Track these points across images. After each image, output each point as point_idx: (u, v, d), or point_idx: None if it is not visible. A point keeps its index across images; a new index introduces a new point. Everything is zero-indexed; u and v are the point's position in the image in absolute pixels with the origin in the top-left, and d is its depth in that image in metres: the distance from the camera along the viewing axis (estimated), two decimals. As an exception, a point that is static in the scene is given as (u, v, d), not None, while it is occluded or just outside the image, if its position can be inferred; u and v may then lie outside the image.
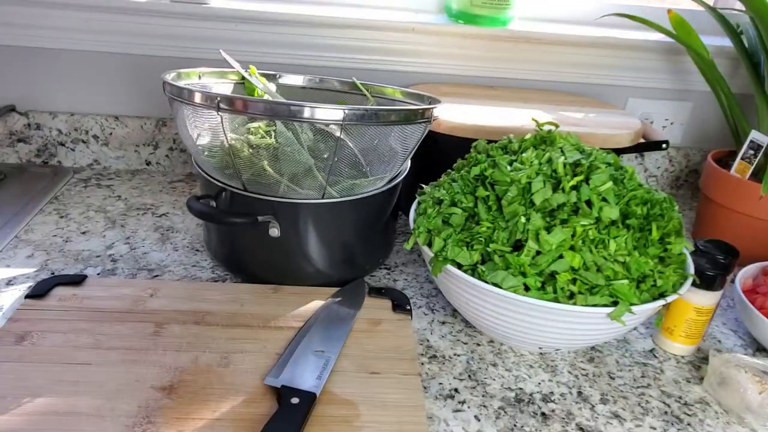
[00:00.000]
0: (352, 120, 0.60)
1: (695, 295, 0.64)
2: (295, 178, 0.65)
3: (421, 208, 0.67)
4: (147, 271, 0.75)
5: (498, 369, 0.63)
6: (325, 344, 0.61)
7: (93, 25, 0.93)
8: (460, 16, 1.00)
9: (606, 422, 0.57)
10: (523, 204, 0.60)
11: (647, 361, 0.66)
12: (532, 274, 0.57)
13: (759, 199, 0.82)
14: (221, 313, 0.65)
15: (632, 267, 0.58)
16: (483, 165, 0.65)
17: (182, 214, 0.90)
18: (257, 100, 0.64)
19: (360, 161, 0.67)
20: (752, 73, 0.91)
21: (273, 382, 0.55)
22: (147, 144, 1.03)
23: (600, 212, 0.59)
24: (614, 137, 0.83)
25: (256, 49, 0.97)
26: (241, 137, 0.65)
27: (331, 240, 0.70)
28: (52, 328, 0.61)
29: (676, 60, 1.04)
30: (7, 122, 0.99)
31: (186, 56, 0.97)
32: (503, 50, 1.01)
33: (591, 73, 1.05)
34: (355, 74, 0.89)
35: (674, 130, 1.12)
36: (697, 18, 1.00)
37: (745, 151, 0.86)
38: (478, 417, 0.56)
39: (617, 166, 0.65)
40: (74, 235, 0.81)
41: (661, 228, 0.61)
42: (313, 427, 0.52)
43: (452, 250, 0.60)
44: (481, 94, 0.98)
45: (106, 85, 0.99)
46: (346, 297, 0.70)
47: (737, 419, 0.59)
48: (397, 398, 0.56)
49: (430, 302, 0.73)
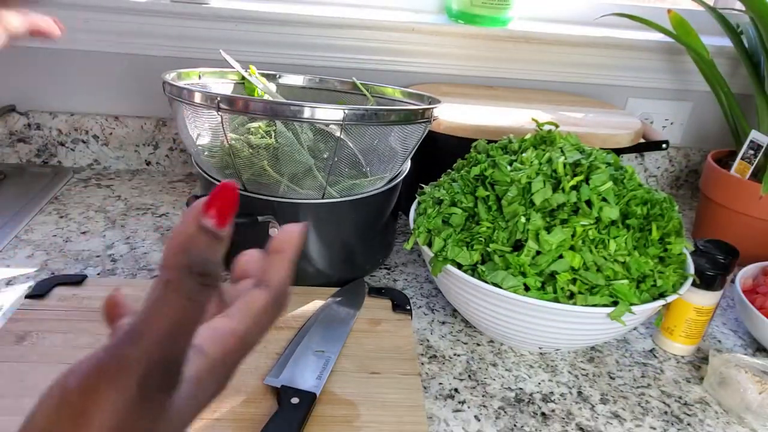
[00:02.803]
0: (352, 120, 0.60)
1: (695, 295, 0.64)
2: (295, 178, 0.65)
3: (421, 208, 0.67)
4: (147, 271, 0.75)
5: (498, 369, 0.63)
6: (325, 344, 0.61)
7: (93, 25, 0.93)
8: (460, 16, 1.00)
9: (606, 422, 0.57)
10: (523, 204, 0.60)
11: (647, 361, 0.66)
12: (532, 274, 0.57)
13: (759, 199, 0.82)
14: (221, 313, 0.65)
15: (632, 267, 0.58)
16: (483, 165, 0.65)
17: (182, 214, 0.90)
18: (257, 100, 0.64)
19: (360, 161, 0.67)
20: (752, 73, 0.91)
21: (273, 382, 0.55)
22: (147, 144, 1.03)
23: (600, 212, 0.59)
24: (614, 137, 0.83)
25: (256, 49, 0.97)
26: (241, 137, 0.65)
27: (331, 240, 0.70)
28: (52, 328, 0.61)
29: (676, 60, 1.04)
30: (7, 122, 0.99)
31: (186, 56, 0.97)
32: (503, 50, 1.01)
33: (591, 73, 1.05)
34: (355, 74, 0.89)
35: (674, 130, 1.12)
36: (697, 18, 1.00)
37: (745, 151, 0.86)
38: (478, 417, 0.56)
39: (617, 166, 0.65)
40: (74, 235, 0.81)
41: (661, 228, 0.61)
42: (313, 427, 0.52)
43: (452, 250, 0.60)
44: (481, 94, 0.98)
45: (106, 85, 0.99)
46: (346, 297, 0.70)
47: (737, 419, 0.59)
48: (397, 398, 0.56)
49: (430, 302, 0.73)
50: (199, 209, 0.24)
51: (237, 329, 0.26)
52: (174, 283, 0.23)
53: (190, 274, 0.23)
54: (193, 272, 0.23)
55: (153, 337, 0.22)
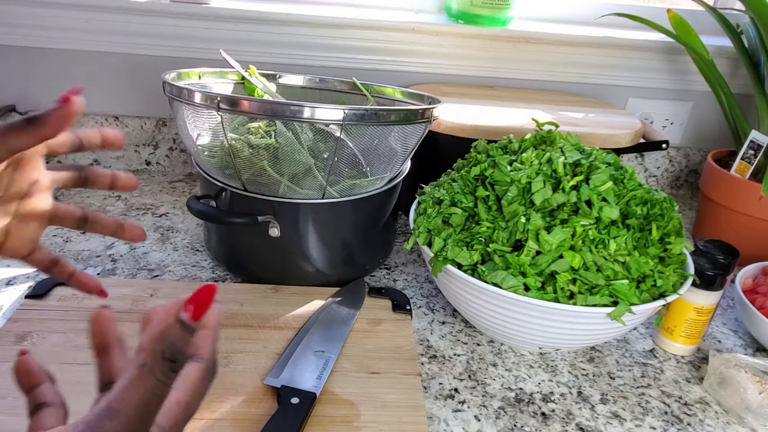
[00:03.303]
0: (352, 120, 0.60)
1: (695, 295, 0.64)
2: (295, 178, 0.65)
3: (421, 208, 0.67)
4: (147, 271, 0.75)
5: (498, 369, 0.63)
6: (325, 344, 0.61)
7: (93, 25, 0.93)
8: (460, 16, 1.00)
9: (606, 422, 0.57)
10: (523, 204, 0.60)
11: (647, 361, 0.66)
12: (532, 274, 0.57)
13: (759, 199, 0.82)
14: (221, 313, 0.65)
15: (632, 267, 0.58)
16: (483, 165, 0.65)
17: (182, 214, 0.90)
18: (257, 100, 0.64)
19: (360, 161, 0.67)
20: (752, 73, 0.91)
21: (273, 382, 0.55)
22: (147, 144, 1.03)
23: (600, 212, 0.59)
24: (614, 137, 0.83)
25: (256, 49, 0.97)
26: (241, 137, 0.64)
27: (331, 240, 0.70)
28: (52, 328, 0.61)
29: (676, 60, 1.05)
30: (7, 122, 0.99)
31: (186, 56, 0.97)
32: (503, 50, 1.01)
33: (591, 73, 1.05)
34: (355, 74, 0.89)
35: (674, 130, 1.12)
36: (697, 18, 1.00)
37: (745, 151, 0.86)
38: (478, 417, 0.56)
39: (617, 166, 0.65)
40: (74, 235, 0.81)
41: (661, 228, 0.61)
42: (313, 427, 0.52)
43: (452, 250, 0.60)
44: (481, 94, 0.98)
45: (106, 85, 0.99)
46: (346, 297, 0.70)
47: (737, 419, 0.59)
48: (397, 398, 0.56)
49: (430, 302, 0.73)
50: (180, 304, 0.28)
51: (182, 400, 0.30)
52: (149, 366, 0.27)
53: (163, 359, 0.27)
54: (165, 357, 0.27)
55: (128, 413, 0.26)
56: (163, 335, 0.27)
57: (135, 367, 0.27)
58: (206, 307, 0.28)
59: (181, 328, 0.27)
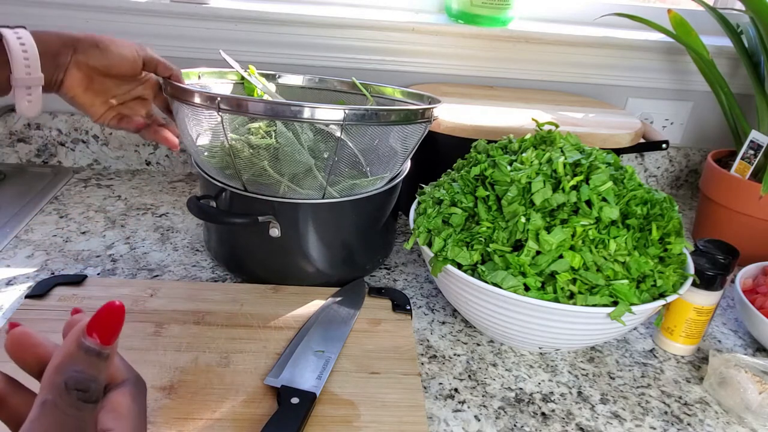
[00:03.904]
0: (353, 120, 0.60)
1: (695, 295, 0.64)
2: (295, 178, 0.65)
3: (421, 208, 0.67)
4: (147, 271, 0.75)
5: (498, 369, 0.63)
6: (325, 344, 0.61)
7: (93, 25, 0.93)
8: (460, 16, 1.00)
9: (606, 422, 0.57)
10: (523, 204, 0.60)
11: (647, 361, 0.66)
12: (532, 274, 0.57)
13: (759, 199, 0.82)
14: (221, 313, 0.65)
15: (632, 267, 0.58)
16: (483, 165, 0.65)
17: (182, 214, 0.90)
18: (257, 101, 0.64)
19: (360, 161, 0.67)
20: (752, 73, 0.91)
21: (273, 382, 0.55)
22: (147, 144, 1.03)
23: (600, 212, 0.59)
24: (614, 137, 0.83)
25: (256, 49, 0.97)
26: (241, 137, 0.64)
27: (331, 240, 0.70)
28: (52, 328, 0.61)
29: (676, 60, 1.05)
30: (7, 122, 0.99)
31: (186, 56, 0.96)
32: (503, 50, 1.01)
33: (591, 73, 1.05)
34: (355, 74, 0.89)
35: (674, 130, 1.12)
36: (697, 18, 1.00)
37: (745, 151, 0.86)
38: (478, 417, 0.56)
39: (617, 166, 0.65)
40: (74, 235, 0.81)
41: (661, 228, 0.61)
42: (313, 427, 0.52)
43: (452, 250, 0.60)
44: (481, 94, 0.98)
45: (106, 85, 0.99)
46: (346, 297, 0.70)
47: (737, 419, 0.59)
48: (397, 398, 0.56)
49: (430, 302, 0.73)
50: (81, 330, 0.26)
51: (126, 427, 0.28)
52: (50, 403, 0.24)
53: (67, 392, 0.24)
54: (70, 389, 0.24)
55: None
56: (61, 368, 0.25)
57: (36, 406, 0.25)
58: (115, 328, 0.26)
59: (86, 355, 0.25)
